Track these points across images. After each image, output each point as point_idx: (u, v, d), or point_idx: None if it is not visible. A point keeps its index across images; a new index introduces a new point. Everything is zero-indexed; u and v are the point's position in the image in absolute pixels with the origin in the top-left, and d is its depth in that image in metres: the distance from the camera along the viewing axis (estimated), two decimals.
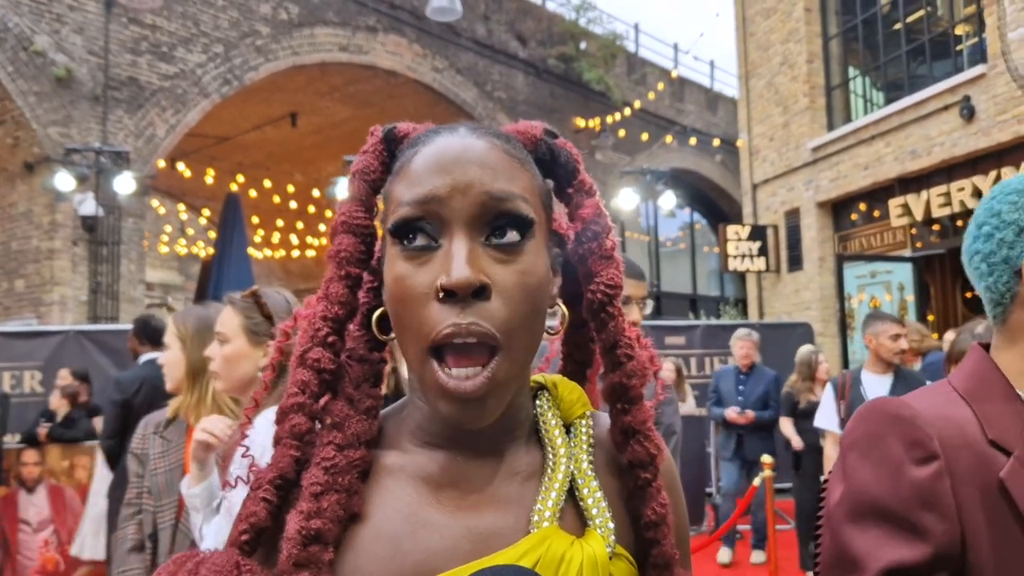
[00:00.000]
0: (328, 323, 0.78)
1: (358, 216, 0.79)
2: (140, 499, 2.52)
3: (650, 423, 0.81)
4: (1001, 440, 0.96)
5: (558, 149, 0.83)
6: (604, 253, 0.82)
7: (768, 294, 13.71)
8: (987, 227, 1.07)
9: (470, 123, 0.79)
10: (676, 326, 10.18)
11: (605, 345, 0.82)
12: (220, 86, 11.82)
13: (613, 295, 0.81)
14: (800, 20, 12.91)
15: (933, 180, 10.63)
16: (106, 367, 7.51)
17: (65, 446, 6.68)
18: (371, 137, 0.83)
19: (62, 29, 10.48)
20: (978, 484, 0.94)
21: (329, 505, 0.72)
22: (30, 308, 10.42)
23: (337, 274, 0.78)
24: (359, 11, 13.22)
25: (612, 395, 0.82)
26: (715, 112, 19.96)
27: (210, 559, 0.71)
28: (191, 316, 2.55)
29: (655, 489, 0.79)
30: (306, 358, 0.77)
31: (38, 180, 10.35)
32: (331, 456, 0.74)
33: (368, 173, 0.80)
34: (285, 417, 0.76)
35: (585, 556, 0.71)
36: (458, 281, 0.68)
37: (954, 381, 1.06)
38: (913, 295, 10.92)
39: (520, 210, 0.72)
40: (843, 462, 1.03)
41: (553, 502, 0.75)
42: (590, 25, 16.82)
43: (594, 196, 0.84)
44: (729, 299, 19.01)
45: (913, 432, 0.96)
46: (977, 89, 9.90)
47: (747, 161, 14.24)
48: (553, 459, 0.78)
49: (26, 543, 6.57)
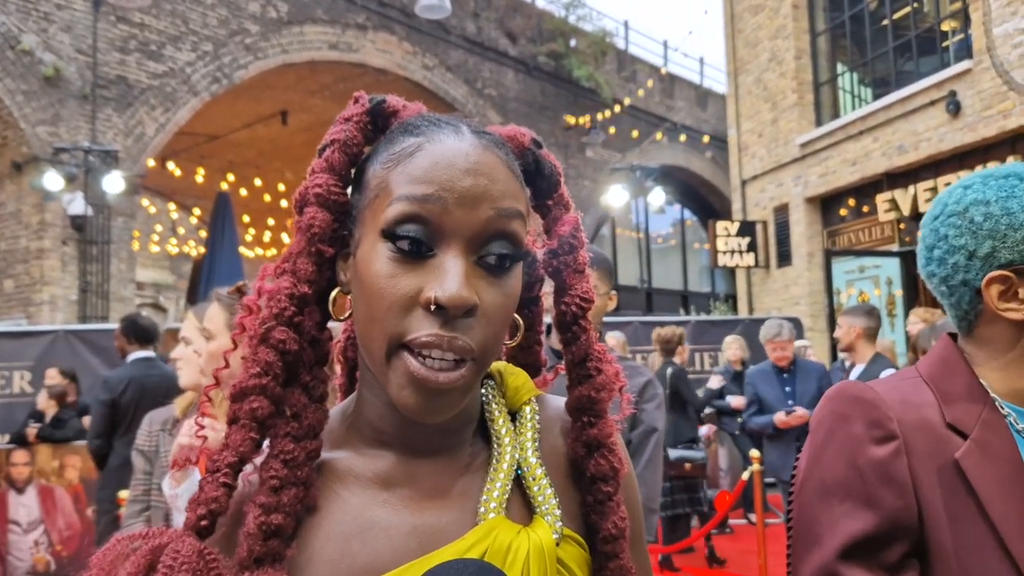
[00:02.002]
0: (294, 301, 0.73)
1: (335, 190, 0.75)
2: (148, 496, 2.53)
3: (615, 437, 0.80)
4: (958, 423, 1.02)
5: (543, 161, 0.82)
6: (578, 267, 0.81)
7: (758, 289, 13.76)
8: (938, 251, 1.11)
9: (468, 121, 0.76)
10: (666, 321, 10.21)
11: (575, 358, 0.81)
12: (209, 84, 11.79)
13: (586, 308, 0.81)
14: (788, 16, 12.96)
15: (920, 175, 10.69)
16: (97, 367, 7.49)
17: (55, 446, 6.66)
18: (355, 105, 0.78)
19: (50, 28, 10.44)
20: (935, 464, 0.99)
21: (288, 499, 0.70)
22: (20, 308, 10.39)
23: (307, 249, 0.74)
24: (348, 9, 13.21)
25: (578, 408, 0.80)
26: (705, 108, 20.01)
27: (168, 545, 0.67)
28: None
29: (615, 504, 0.79)
30: (269, 337, 0.72)
31: (27, 179, 10.31)
32: (290, 449, 0.72)
33: (350, 145, 0.76)
34: (244, 397, 0.71)
35: (532, 545, 0.71)
36: (453, 300, 0.66)
37: (921, 367, 1.11)
38: (901, 290, 10.99)
39: (518, 234, 0.71)
40: (810, 441, 1.08)
41: (499, 493, 0.74)
42: (580, 22, 16.85)
43: (571, 210, 0.83)
44: (719, 295, 19.08)
45: (873, 413, 1.02)
46: (963, 84, 9.96)
47: (736, 157, 14.29)
48: (499, 450, 0.78)
49: (16, 544, 6.56)
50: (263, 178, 16.57)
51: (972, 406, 1.03)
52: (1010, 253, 1.03)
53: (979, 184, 1.08)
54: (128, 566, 0.66)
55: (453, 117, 0.77)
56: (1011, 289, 1.04)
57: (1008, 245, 1.04)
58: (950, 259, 1.09)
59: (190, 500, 0.70)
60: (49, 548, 6.63)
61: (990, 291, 1.05)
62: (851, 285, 11.56)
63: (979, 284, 1.06)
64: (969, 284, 1.07)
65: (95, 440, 4.70)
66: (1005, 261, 1.04)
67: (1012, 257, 1.03)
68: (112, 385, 4.68)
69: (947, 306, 1.12)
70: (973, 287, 1.07)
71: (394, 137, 0.75)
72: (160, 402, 3.26)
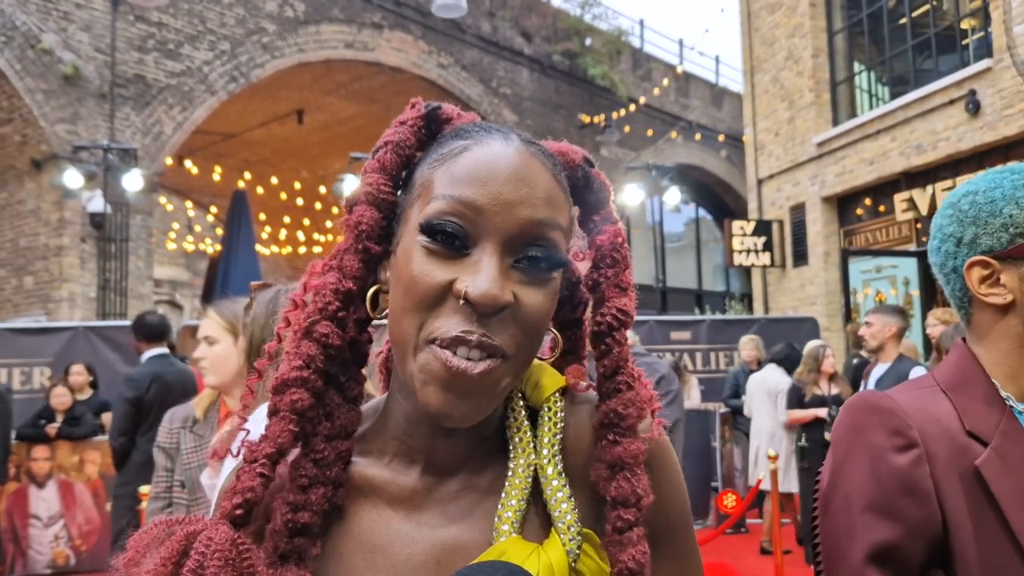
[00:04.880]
0: (339, 297, 0.74)
1: (385, 189, 0.75)
2: (170, 492, 2.57)
3: (641, 459, 0.75)
4: (978, 431, 1.02)
5: (593, 178, 0.82)
6: (620, 283, 0.80)
7: (773, 289, 13.71)
8: (935, 241, 1.15)
9: (520, 132, 0.76)
10: (681, 321, 10.19)
11: (606, 371, 0.78)
12: (227, 83, 11.86)
13: (624, 322, 0.79)
14: (805, 15, 12.89)
15: (939, 175, 10.62)
16: (115, 363, 7.58)
17: (75, 442, 6.72)
18: (411, 110, 0.79)
19: (69, 27, 10.52)
20: (956, 472, 0.99)
21: (316, 498, 0.71)
22: (39, 305, 10.49)
23: (355, 247, 0.74)
24: (364, 8, 13.24)
25: (604, 423, 0.76)
26: (720, 107, 19.94)
27: (202, 532, 0.67)
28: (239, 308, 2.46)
29: (636, 535, 0.72)
30: (313, 331, 0.73)
31: (46, 177, 10.40)
32: (320, 448, 0.73)
33: (403, 147, 0.77)
34: (286, 388, 0.71)
35: (542, 566, 0.68)
36: (484, 296, 0.66)
37: (937, 375, 1.11)
38: (918, 290, 10.92)
39: (556, 242, 0.71)
40: (832, 453, 1.08)
41: (513, 511, 0.72)
42: (595, 21, 16.82)
43: (617, 224, 0.82)
44: (734, 294, 19.02)
45: (893, 421, 1.02)
46: (983, 83, 9.88)
47: (752, 156, 14.23)
48: (514, 462, 0.75)
49: (37, 537, 6.63)
50: (279, 176, 16.64)
51: (991, 414, 1.03)
52: (990, 239, 1.06)
53: (978, 178, 1.11)
54: (163, 550, 0.67)
55: (505, 127, 0.77)
56: (993, 275, 1.07)
57: (988, 232, 1.06)
58: (943, 247, 1.12)
59: (226, 489, 0.70)
60: (69, 542, 6.70)
61: (971, 275, 1.08)
62: (868, 285, 11.49)
63: (962, 271, 1.09)
64: (958, 271, 1.10)
65: (119, 437, 4.71)
66: (986, 247, 1.07)
67: (991, 243, 1.06)
68: (137, 383, 4.70)
69: (948, 296, 1.15)
70: (961, 273, 1.10)
71: (444, 140, 0.76)
72: (179, 399, 3.29)
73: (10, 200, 11.09)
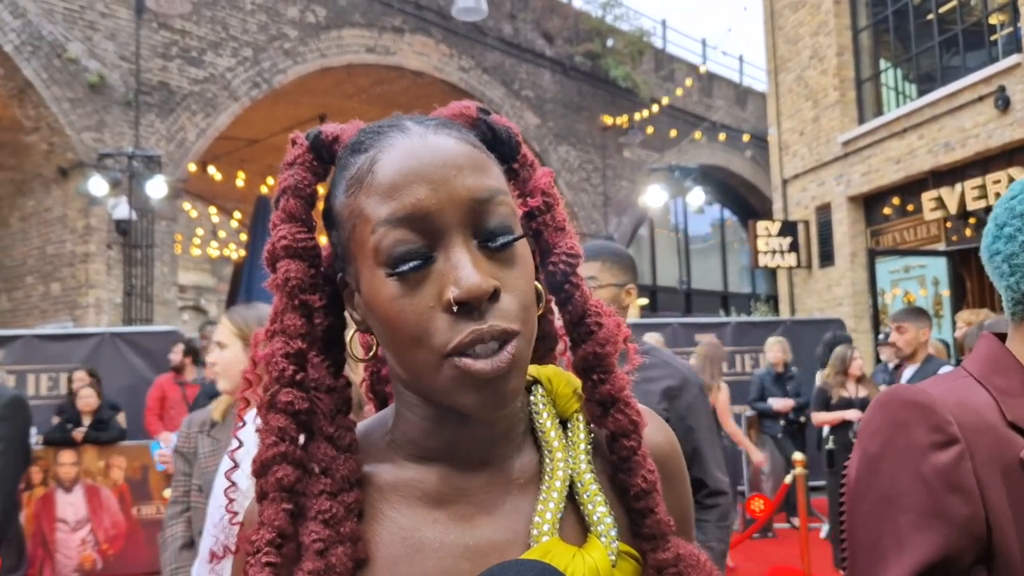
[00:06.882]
0: (291, 360, 0.71)
1: (301, 238, 0.74)
2: (187, 497, 2.57)
3: (628, 391, 0.77)
4: (1020, 421, 0.96)
5: (497, 126, 0.78)
6: (558, 225, 0.78)
7: (800, 290, 13.57)
8: (1009, 228, 1.05)
9: (410, 116, 0.74)
10: (707, 323, 10.10)
11: (573, 318, 0.78)
12: (249, 89, 11.94)
13: (575, 263, 0.78)
14: (829, 12, 12.76)
15: (968, 173, 10.46)
16: (140, 368, 7.65)
17: (101, 447, 6.77)
18: (294, 147, 0.77)
19: (94, 36, 10.65)
20: (999, 466, 0.94)
21: (337, 559, 0.68)
22: (66, 311, 10.61)
23: (290, 304, 0.72)
24: (385, 12, 13.29)
25: (586, 367, 0.77)
26: (744, 107, 19.81)
27: None
28: (251, 313, 2.52)
29: (641, 457, 0.76)
30: (276, 402, 0.71)
31: (72, 185, 10.53)
32: (327, 507, 0.70)
33: (303, 188, 0.75)
34: (267, 470, 0.70)
35: (587, 569, 0.68)
36: (471, 291, 0.64)
37: (969, 367, 1.05)
38: (948, 290, 10.75)
39: (505, 203, 0.69)
40: (862, 451, 1.02)
41: (552, 512, 0.71)
42: (617, 22, 16.76)
43: (538, 168, 0.80)
44: (760, 296, 18.86)
45: (933, 417, 0.96)
46: (1012, 79, 9.72)
47: (777, 156, 14.11)
48: (551, 464, 0.74)
49: (64, 542, 6.68)
50: None
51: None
52: None
53: None
54: None
55: (392, 118, 0.74)
56: None
57: None
58: (1021, 236, 1.03)
59: None
60: (95, 547, 6.74)
61: None
62: (896, 285, 11.33)
63: None
64: None
65: None
66: None
67: None
68: None
69: (1003, 288, 1.06)
70: None
71: (345, 162, 0.73)
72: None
73: (37, 208, 11.23)
